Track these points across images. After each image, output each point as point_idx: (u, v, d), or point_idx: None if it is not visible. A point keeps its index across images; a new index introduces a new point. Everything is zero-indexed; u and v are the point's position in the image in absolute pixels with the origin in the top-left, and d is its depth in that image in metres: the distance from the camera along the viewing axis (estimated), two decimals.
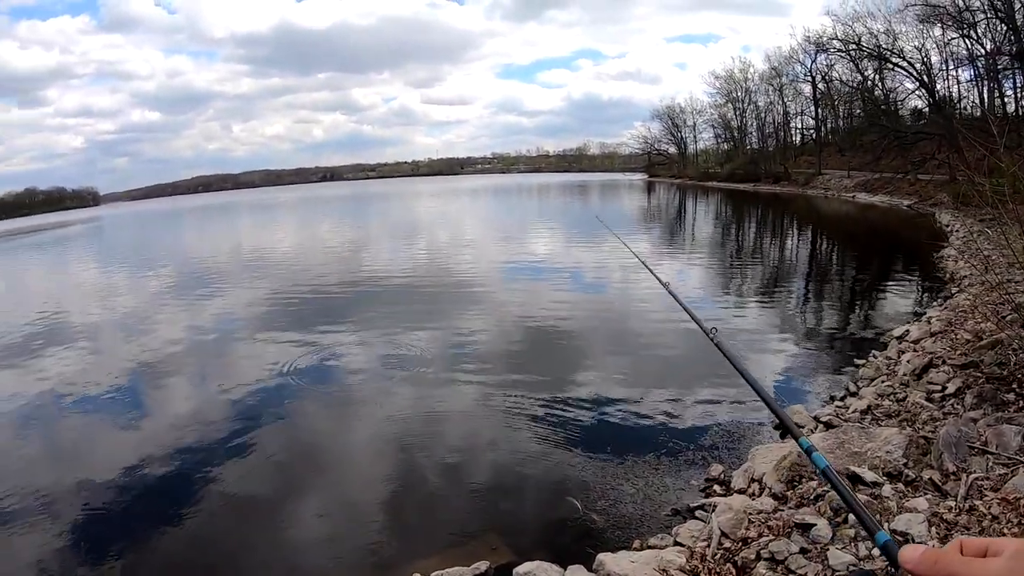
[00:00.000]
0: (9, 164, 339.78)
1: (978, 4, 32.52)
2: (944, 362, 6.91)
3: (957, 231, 17.25)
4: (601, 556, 4.32)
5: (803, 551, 3.82)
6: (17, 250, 44.81)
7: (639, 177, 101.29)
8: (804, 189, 53.56)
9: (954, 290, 11.57)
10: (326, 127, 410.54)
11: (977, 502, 3.94)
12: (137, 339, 12.54)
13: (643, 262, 5.75)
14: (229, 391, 8.92)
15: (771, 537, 4.03)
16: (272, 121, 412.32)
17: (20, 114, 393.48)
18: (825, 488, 4.45)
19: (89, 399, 9.18)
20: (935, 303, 11.23)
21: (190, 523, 5.59)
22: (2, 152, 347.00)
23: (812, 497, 4.46)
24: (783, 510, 4.40)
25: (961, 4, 33.07)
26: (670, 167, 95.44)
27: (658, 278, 4.36)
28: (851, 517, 3.99)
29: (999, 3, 30.63)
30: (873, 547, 3.72)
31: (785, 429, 6.70)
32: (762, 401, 2.29)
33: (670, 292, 3.82)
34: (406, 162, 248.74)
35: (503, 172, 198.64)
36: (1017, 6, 29.59)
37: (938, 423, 5.32)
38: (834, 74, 55.20)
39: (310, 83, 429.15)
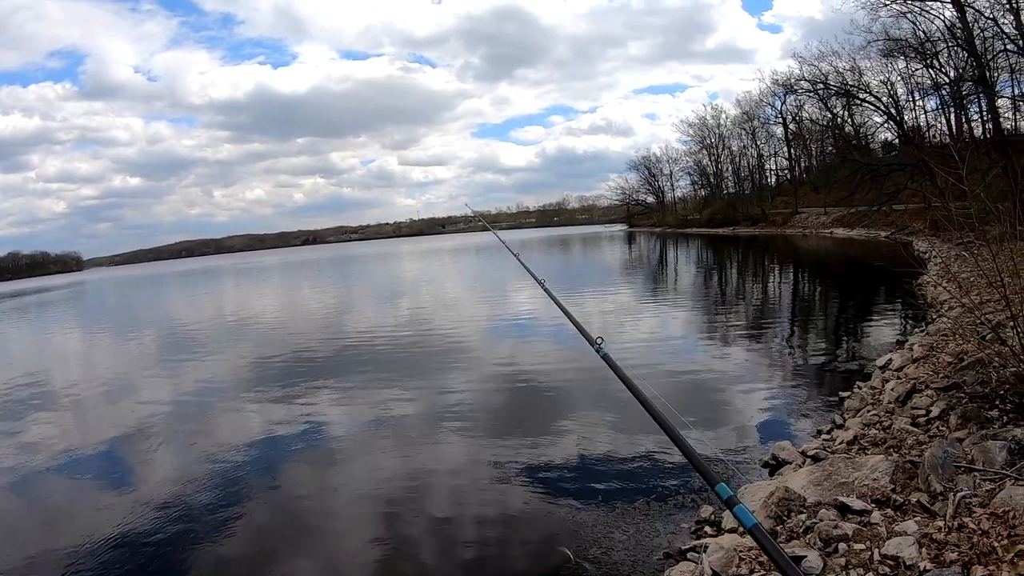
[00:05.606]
0: None
1: (939, 34, 33.44)
2: (927, 386, 6.92)
3: (934, 257, 17.43)
4: None
5: None
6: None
7: (620, 228, 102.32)
8: (782, 229, 54.35)
9: (934, 315, 11.64)
10: (307, 191, 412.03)
11: (966, 519, 3.89)
12: (118, 405, 12.30)
13: (524, 264, 5.77)
14: (212, 456, 8.71)
15: (762, 572, 3.96)
16: (253, 186, 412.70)
17: (2, 178, 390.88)
18: (815, 520, 4.39)
19: (69, 466, 8.95)
20: (916, 330, 11.30)
21: None
22: None
23: (802, 530, 4.38)
24: None
25: (922, 35, 33.99)
26: (650, 216, 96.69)
27: (536, 278, 4.49)
28: (841, 546, 3.93)
29: (959, 31, 31.45)
30: None
31: (773, 464, 6.67)
32: (670, 439, 2.20)
33: (546, 290, 3.92)
34: (388, 223, 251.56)
35: (484, 230, 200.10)
36: (976, 32, 30.36)
37: (924, 446, 5.29)
38: (804, 114, 56.72)
39: (289, 148, 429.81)
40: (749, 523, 1.59)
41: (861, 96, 42.65)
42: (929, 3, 31.72)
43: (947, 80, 36.24)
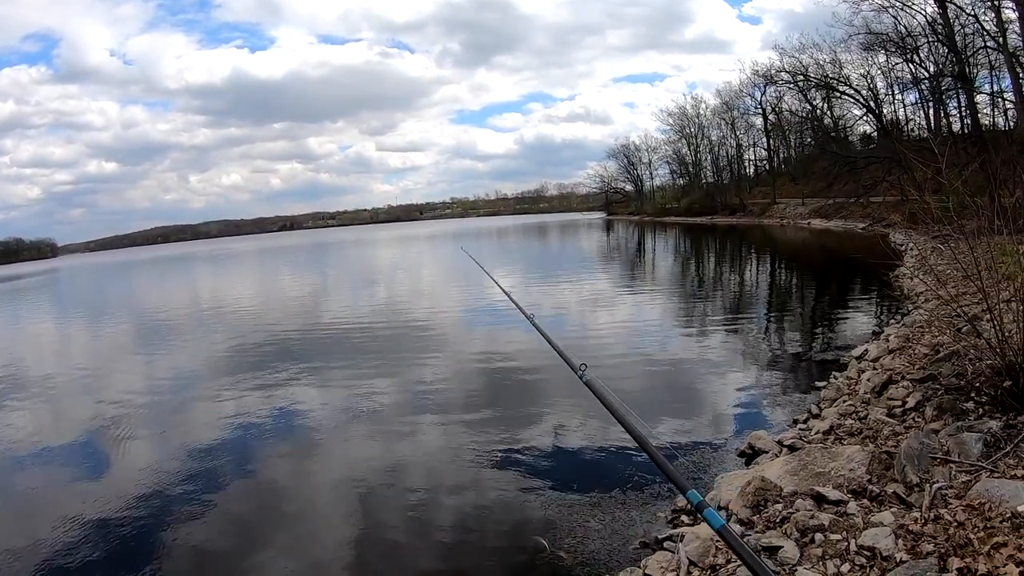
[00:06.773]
0: None
1: (920, 29, 33.67)
2: (903, 377, 6.93)
3: (911, 249, 17.53)
4: None
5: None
6: None
7: (598, 216, 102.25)
8: (760, 219, 54.55)
9: (910, 307, 11.69)
10: (283, 176, 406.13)
11: (942, 511, 3.89)
12: (93, 393, 12.09)
13: (508, 295, 5.74)
14: (188, 443, 8.59)
15: (738, 563, 3.94)
16: (229, 171, 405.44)
17: None
18: (791, 510, 4.38)
19: (39, 455, 8.80)
20: (892, 321, 11.36)
21: None
22: None
23: (779, 520, 4.37)
24: (750, 534, 4.30)
25: (903, 30, 34.20)
26: (628, 204, 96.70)
27: (523, 311, 4.52)
28: (817, 537, 3.92)
29: (940, 27, 31.64)
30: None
31: (747, 455, 6.67)
32: (642, 449, 2.22)
33: (535, 325, 3.91)
34: (365, 209, 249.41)
35: (462, 216, 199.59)
36: (957, 28, 30.55)
37: (900, 437, 5.28)
38: (784, 105, 56.73)
39: (266, 133, 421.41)
40: (717, 524, 1.59)
41: (841, 89, 42.88)
42: None
43: (927, 75, 36.54)
